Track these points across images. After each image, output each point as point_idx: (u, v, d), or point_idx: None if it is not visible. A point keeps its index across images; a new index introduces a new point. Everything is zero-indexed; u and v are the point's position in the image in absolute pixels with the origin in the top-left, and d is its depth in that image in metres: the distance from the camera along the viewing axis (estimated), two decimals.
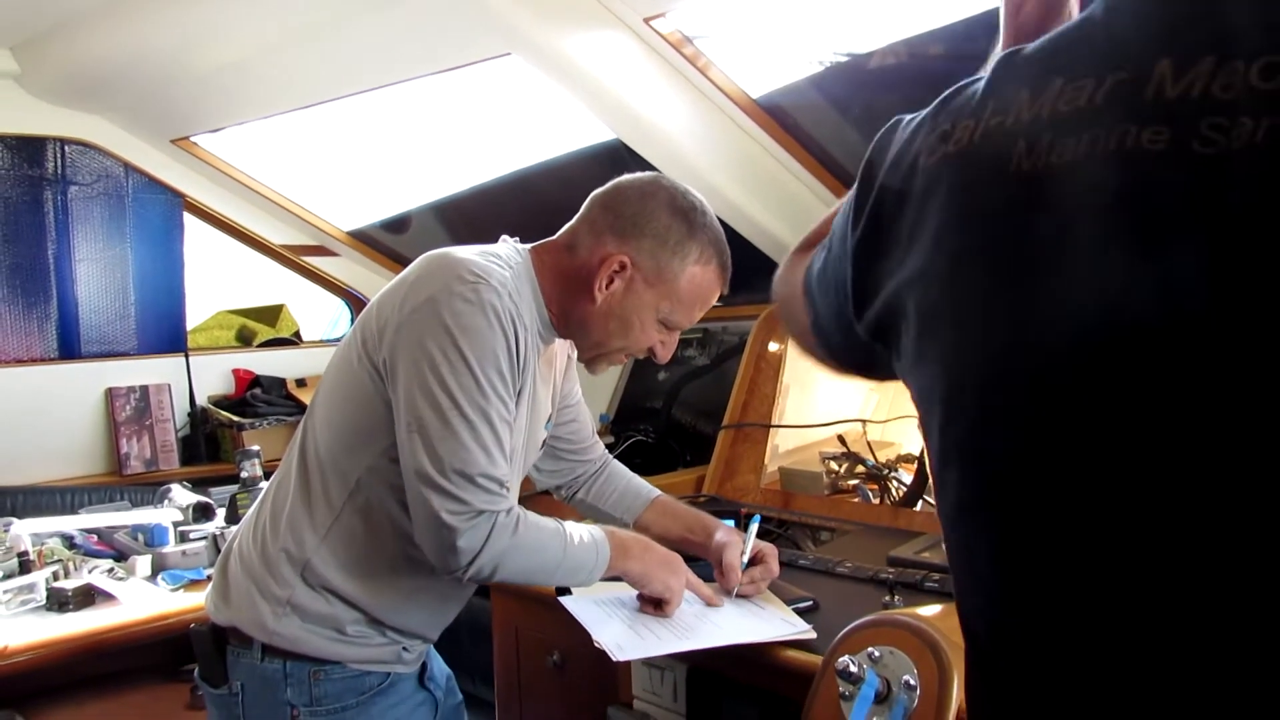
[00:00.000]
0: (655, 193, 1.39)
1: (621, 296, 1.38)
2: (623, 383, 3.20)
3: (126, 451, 3.03)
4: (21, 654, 1.75)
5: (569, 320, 1.41)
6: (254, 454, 2.37)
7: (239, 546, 1.40)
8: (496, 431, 1.24)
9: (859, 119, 2.18)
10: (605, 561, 1.35)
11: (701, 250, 1.39)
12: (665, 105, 2.09)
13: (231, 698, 1.35)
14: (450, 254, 1.31)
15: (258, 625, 1.31)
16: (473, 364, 1.22)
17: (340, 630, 1.32)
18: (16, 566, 2.05)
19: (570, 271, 1.39)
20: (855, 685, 1.28)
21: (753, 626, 1.43)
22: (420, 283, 1.27)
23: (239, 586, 1.35)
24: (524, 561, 1.27)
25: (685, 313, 1.43)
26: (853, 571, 1.71)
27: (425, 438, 1.21)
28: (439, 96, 2.55)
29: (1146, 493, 0.59)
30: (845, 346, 0.85)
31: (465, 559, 1.22)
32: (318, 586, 1.32)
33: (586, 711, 1.74)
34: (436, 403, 1.21)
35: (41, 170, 2.95)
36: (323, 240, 3.54)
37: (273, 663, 1.32)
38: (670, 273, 1.38)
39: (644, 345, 1.44)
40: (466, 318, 1.23)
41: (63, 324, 3.02)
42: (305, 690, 1.32)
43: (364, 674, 1.35)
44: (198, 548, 2.16)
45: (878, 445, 2.27)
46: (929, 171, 0.69)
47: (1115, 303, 0.59)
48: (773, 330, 2.38)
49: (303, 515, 1.32)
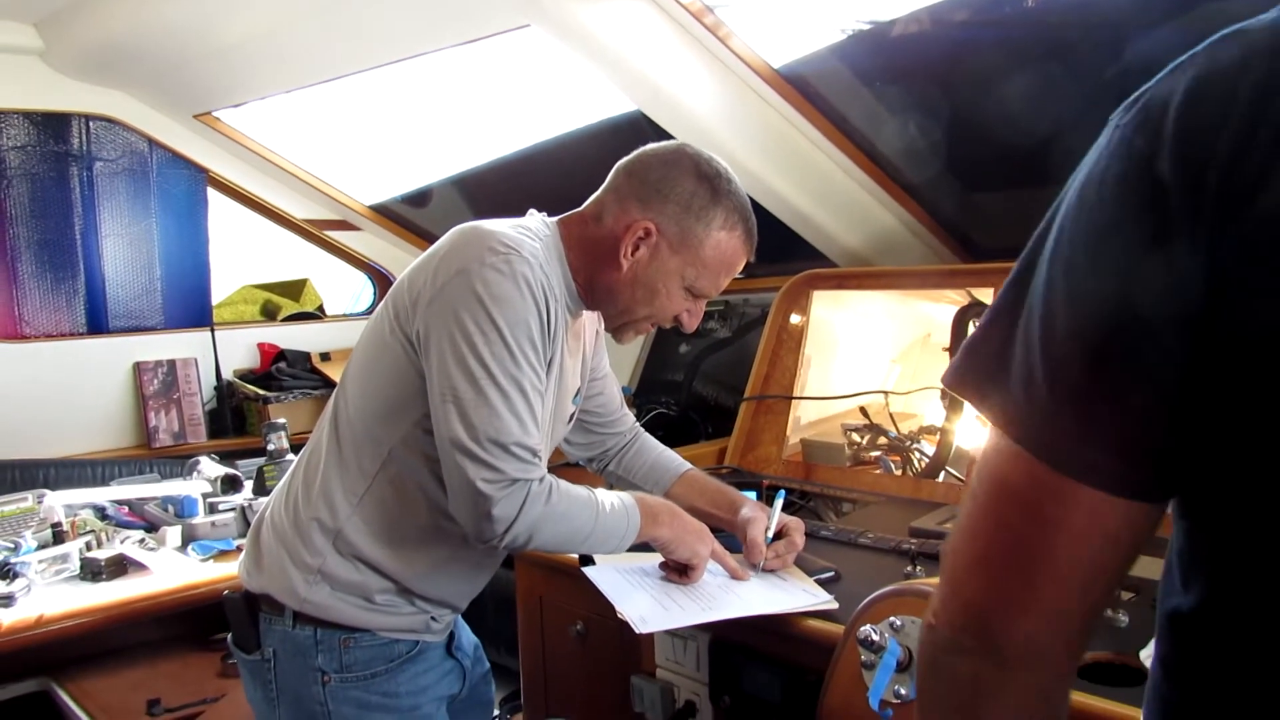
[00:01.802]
0: (679, 159, 1.39)
1: (647, 263, 1.38)
2: (644, 355, 3.21)
3: (155, 425, 3.07)
4: (57, 622, 1.79)
5: (595, 289, 1.42)
6: (280, 427, 2.40)
7: (271, 515, 1.42)
8: (529, 400, 1.25)
9: (881, 88, 2.16)
10: (636, 528, 1.37)
11: (726, 216, 1.39)
12: (686, 75, 2.07)
13: (264, 663, 1.37)
14: (480, 226, 1.32)
15: (289, 592, 1.34)
16: (505, 333, 1.23)
17: (369, 599, 1.35)
18: (51, 537, 2.09)
19: (596, 240, 1.40)
20: (877, 654, 1.29)
21: (775, 597, 1.44)
22: (452, 255, 1.29)
23: (271, 554, 1.37)
24: (557, 529, 1.28)
25: (711, 279, 1.42)
26: (875, 542, 1.71)
27: (460, 407, 1.22)
28: (459, 70, 2.54)
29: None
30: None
31: (501, 527, 1.23)
32: (349, 555, 1.34)
33: (610, 680, 1.76)
34: (470, 372, 1.22)
35: (67, 146, 2.97)
36: (345, 215, 3.55)
37: (304, 629, 1.34)
38: (695, 239, 1.38)
39: (670, 313, 1.44)
40: (498, 288, 1.24)
41: (90, 299, 3.05)
42: (336, 657, 1.34)
43: (393, 641, 1.37)
44: (226, 519, 2.20)
45: (900, 417, 2.26)
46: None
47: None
48: (795, 302, 2.37)
49: (336, 485, 1.34)
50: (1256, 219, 0.51)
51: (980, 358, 0.65)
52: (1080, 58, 1.90)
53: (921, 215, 2.40)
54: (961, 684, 0.68)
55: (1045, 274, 0.60)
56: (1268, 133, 0.51)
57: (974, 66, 2.02)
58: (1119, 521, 0.60)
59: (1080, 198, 0.60)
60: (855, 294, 2.36)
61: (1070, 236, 0.59)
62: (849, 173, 2.30)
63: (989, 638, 0.65)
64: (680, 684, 1.63)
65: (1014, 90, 2.05)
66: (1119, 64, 1.78)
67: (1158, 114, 0.56)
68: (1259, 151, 0.51)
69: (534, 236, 1.34)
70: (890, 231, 2.46)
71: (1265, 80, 0.52)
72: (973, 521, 0.66)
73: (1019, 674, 0.66)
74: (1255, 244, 0.52)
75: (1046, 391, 0.59)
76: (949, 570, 0.69)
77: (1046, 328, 0.59)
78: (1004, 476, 0.63)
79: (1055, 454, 0.60)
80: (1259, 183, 0.51)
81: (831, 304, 2.37)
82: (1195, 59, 0.56)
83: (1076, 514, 0.60)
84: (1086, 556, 0.62)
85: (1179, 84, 0.55)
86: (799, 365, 2.30)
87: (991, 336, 0.64)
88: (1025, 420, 0.61)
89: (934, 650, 0.70)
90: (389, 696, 1.37)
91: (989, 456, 0.65)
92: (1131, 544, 0.62)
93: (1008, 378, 0.62)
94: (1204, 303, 0.54)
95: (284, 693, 1.37)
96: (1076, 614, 0.64)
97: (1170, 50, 0.58)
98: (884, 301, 2.42)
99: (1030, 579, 0.63)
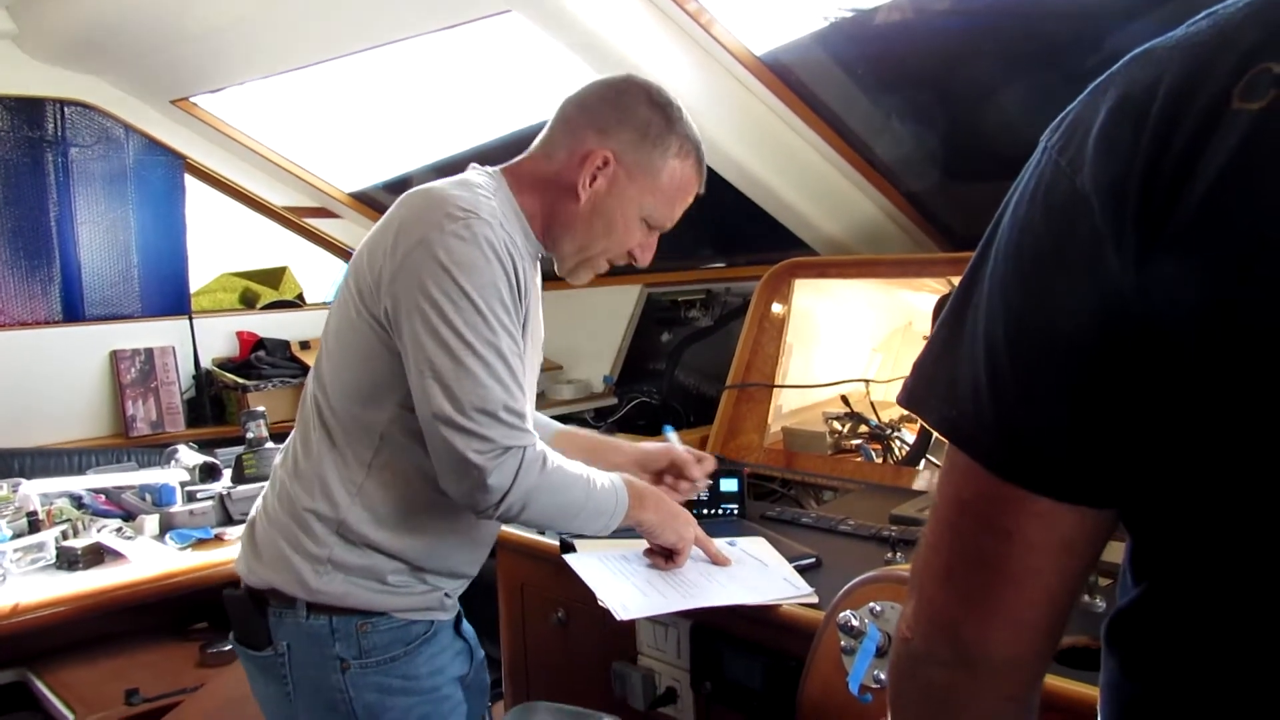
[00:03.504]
0: (630, 88, 1.39)
1: (605, 193, 1.37)
2: (626, 345, 3.21)
3: (133, 414, 3.04)
4: (33, 611, 1.78)
5: (552, 229, 1.40)
6: (259, 415, 2.38)
7: (267, 511, 1.39)
8: (509, 363, 1.23)
9: (863, 76, 2.16)
10: (624, 509, 1.36)
11: (681, 144, 1.40)
12: (668, 62, 2.07)
13: (277, 658, 1.35)
14: (433, 192, 1.29)
15: (299, 584, 1.32)
16: (475, 299, 1.21)
17: (382, 580, 1.33)
18: (26, 526, 2.07)
19: (550, 177, 1.38)
20: (856, 639, 1.29)
21: (755, 586, 1.45)
22: (410, 225, 1.26)
23: (272, 549, 1.35)
24: (550, 500, 1.27)
25: (666, 209, 1.42)
26: (855, 529, 1.72)
27: (440, 380, 1.20)
28: (439, 56, 2.52)
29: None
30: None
31: (496, 496, 1.22)
32: (356, 542, 1.32)
33: (591, 667, 1.76)
34: (445, 343, 1.20)
35: (41, 132, 2.93)
36: (325, 202, 3.53)
37: (318, 619, 1.32)
38: (653, 166, 1.38)
39: (626, 247, 1.44)
40: (462, 253, 1.22)
41: (66, 287, 3.02)
42: (354, 643, 1.32)
43: (410, 623, 1.36)
44: (205, 507, 2.18)
45: (881, 405, 2.27)
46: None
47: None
48: (776, 290, 2.38)
49: (333, 475, 1.32)
50: (1178, 226, 0.53)
51: (929, 374, 0.67)
52: (1061, 48, 1.91)
53: (903, 204, 2.41)
54: (937, 693, 0.70)
55: (985, 288, 0.62)
56: (1180, 141, 0.53)
57: (957, 56, 2.03)
58: (1072, 529, 0.62)
59: (1013, 216, 0.62)
60: (837, 282, 2.37)
61: (1004, 253, 0.62)
62: (831, 161, 2.30)
63: (960, 649, 0.66)
64: (662, 670, 1.63)
65: (996, 81, 2.06)
66: (1100, 54, 1.78)
67: (1081, 135, 0.58)
68: (1170, 162, 0.53)
69: (488, 193, 1.32)
70: (872, 220, 2.47)
71: (1177, 92, 0.54)
72: (935, 535, 0.68)
73: (992, 681, 0.67)
74: (1181, 245, 0.53)
75: (991, 403, 0.61)
76: (918, 584, 0.70)
77: (989, 342, 0.61)
78: (959, 489, 0.65)
79: (1004, 464, 0.61)
80: (1175, 190, 0.53)
81: (813, 292, 2.37)
82: (1114, 79, 0.59)
83: (1030, 522, 0.61)
84: (1045, 564, 0.63)
85: (1100, 105, 0.58)
86: (780, 354, 2.31)
87: (938, 353, 0.67)
88: (973, 432, 0.63)
89: (909, 662, 0.72)
90: (409, 679, 1.36)
91: (945, 471, 0.67)
92: (1088, 549, 0.63)
93: (955, 392, 0.64)
94: (1135, 311, 0.55)
95: (301, 685, 1.34)
96: (1043, 620, 0.65)
97: (1151, 39, 0.59)
98: (865, 290, 2.42)
99: (993, 589, 0.64)
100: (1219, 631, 0.58)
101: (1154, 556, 0.62)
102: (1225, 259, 0.52)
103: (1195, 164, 0.53)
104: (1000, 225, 0.63)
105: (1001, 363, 0.61)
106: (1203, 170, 0.52)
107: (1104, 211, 0.56)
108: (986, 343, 0.61)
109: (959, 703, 0.69)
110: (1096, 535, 0.63)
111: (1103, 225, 0.56)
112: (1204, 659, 0.59)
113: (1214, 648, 0.58)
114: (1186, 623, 0.60)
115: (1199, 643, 0.59)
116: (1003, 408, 0.61)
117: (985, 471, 0.62)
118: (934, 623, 0.68)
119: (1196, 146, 0.53)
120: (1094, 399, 0.58)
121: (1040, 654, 0.67)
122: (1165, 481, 0.58)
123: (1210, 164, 0.52)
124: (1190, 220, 0.53)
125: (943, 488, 0.67)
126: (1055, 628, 0.66)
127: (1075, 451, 0.60)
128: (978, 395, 0.62)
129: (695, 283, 3.03)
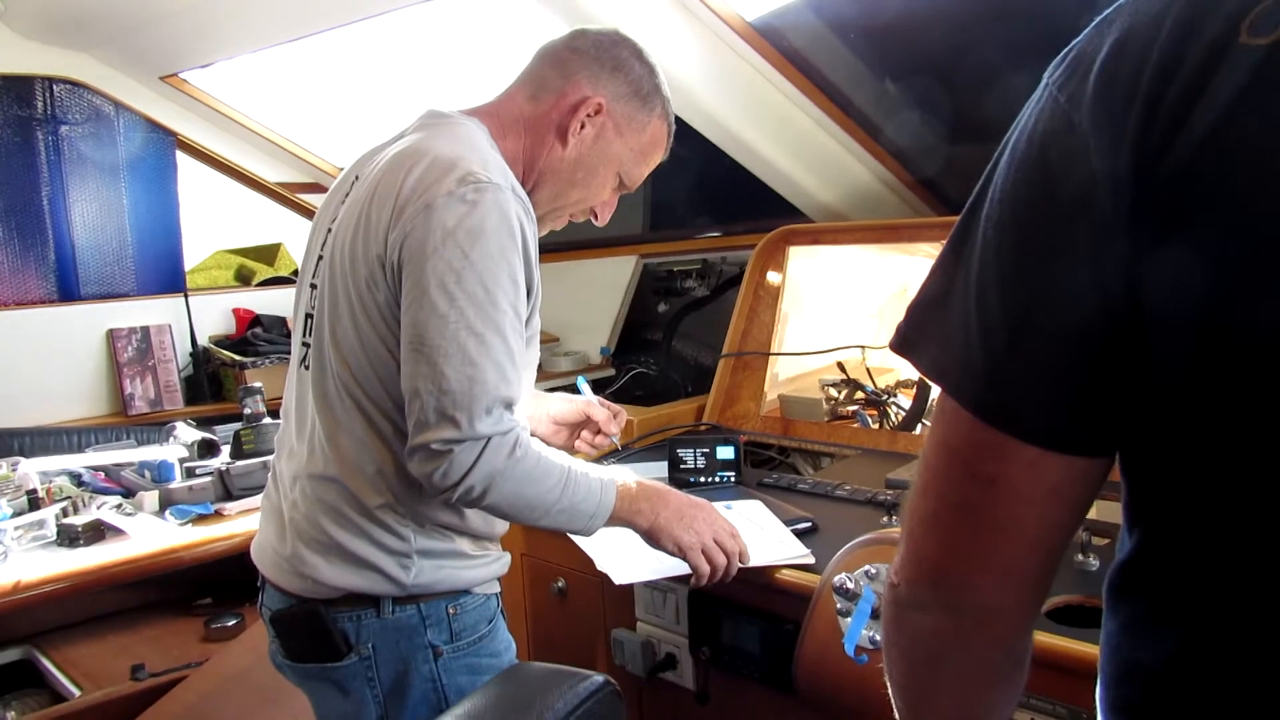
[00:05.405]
0: (624, 41, 1.39)
1: (591, 142, 1.37)
2: (623, 316, 3.20)
3: (131, 392, 3.04)
4: (35, 588, 1.78)
5: (531, 174, 1.37)
6: (256, 391, 2.39)
7: (306, 514, 1.29)
8: (509, 344, 1.17)
9: (855, 42, 2.14)
10: (607, 511, 1.28)
11: (664, 105, 1.41)
12: (657, 28, 2.05)
13: (361, 663, 1.28)
14: (434, 156, 1.21)
15: (389, 582, 1.26)
16: (482, 272, 1.15)
17: (466, 555, 1.31)
18: (26, 504, 2.07)
19: (535, 120, 1.36)
20: (852, 602, 1.31)
21: (753, 550, 1.45)
22: (418, 187, 1.19)
23: (338, 552, 1.26)
24: (516, 490, 1.19)
25: (640, 167, 1.43)
26: (851, 494, 1.73)
27: (428, 359, 1.14)
28: (432, 28, 2.50)
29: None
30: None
31: (454, 477, 1.15)
32: (433, 526, 1.28)
33: (591, 635, 1.78)
34: (444, 319, 1.14)
35: (30, 110, 2.91)
36: (318, 178, 3.51)
37: (405, 610, 1.28)
38: (639, 122, 1.38)
39: (598, 199, 1.43)
40: (472, 221, 1.15)
41: (60, 266, 3.00)
42: (445, 628, 1.30)
43: (487, 598, 1.35)
44: (204, 483, 2.19)
45: (877, 371, 2.27)
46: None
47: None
48: (771, 258, 2.37)
49: (391, 467, 1.25)
50: (1178, 163, 0.52)
51: (921, 318, 0.66)
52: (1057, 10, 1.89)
53: (897, 169, 2.40)
54: (924, 639, 0.70)
55: (980, 231, 0.61)
56: (1185, 75, 0.52)
57: (951, 18, 2.01)
58: (1059, 477, 0.61)
59: (1010, 155, 0.60)
60: (831, 249, 2.36)
61: (1000, 195, 0.60)
62: (824, 127, 2.29)
63: (947, 595, 0.66)
64: (660, 637, 1.65)
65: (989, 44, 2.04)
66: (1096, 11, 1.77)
67: (1083, 70, 0.57)
68: (1173, 96, 0.52)
69: (487, 147, 1.28)
70: (865, 186, 2.46)
71: (1183, 26, 0.53)
72: (924, 481, 0.67)
73: (978, 629, 0.67)
74: (1190, 176, 0.52)
75: (981, 349, 0.60)
76: (906, 529, 0.70)
77: (980, 288, 0.60)
78: (947, 436, 0.64)
79: (992, 411, 0.61)
80: (1176, 126, 0.52)
81: (808, 260, 2.37)
82: (1120, 12, 0.57)
83: (1016, 470, 0.61)
84: (1032, 513, 0.62)
85: (1104, 40, 0.56)
86: (776, 321, 2.31)
87: (932, 296, 0.65)
88: (962, 378, 0.62)
89: (897, 607, 0.71)
90: (493, 656, 1.34)
91: (935, 418, 0.66)
92: (1078, 499, 0.63)
93: (946, 336, 0.63)
94: (1130, 258, 0.54)
95: (387, 684, 1.29)
96: (1030, 569, 0.65)
97: None
98: (860, 256, 2.42)
99: (979, 536, 0.64)
100: (1222, 573, 0.57)
101: (1149, 503, 0.62)
102: (1228, 196, 0.51)
103: (1198, 99, 0.51)
104: (999, 165, 0.62)
105: (992, 310, 0.60)
106: (1207, 105, 0.51)
107: (1100, 150, 0.54)
108: (978, 288, 0.60)
109: (946, 649, 0.69)
110: (1085, 485, 0.62)
111: (1098, 166, 0.54)
112: (1209, 602, 0.58)
113: (1218, 590, 0.57)
114: (1188, 568, 0.59)
115: (1202, 587, 0.58)
116: (992, 355, 0.60)
117: (974, 418, 0.61)
118: (920, 569, 0.68)
119: (1201, 81, 0.51)
120: (1084, 348, 0.57)
121: (1025, 602, 0.67)
122: (1157, 430, 0.58)
123: (1216, 99, 0.51)
124: (1190, 156, 0.51)
125: (932, 434, 0.67)
126: (1043, 577, 0.66)
127: (1064, 400, 0.59)
128: (968, 341, 0.61)
129: (691, 252, 3.02)
